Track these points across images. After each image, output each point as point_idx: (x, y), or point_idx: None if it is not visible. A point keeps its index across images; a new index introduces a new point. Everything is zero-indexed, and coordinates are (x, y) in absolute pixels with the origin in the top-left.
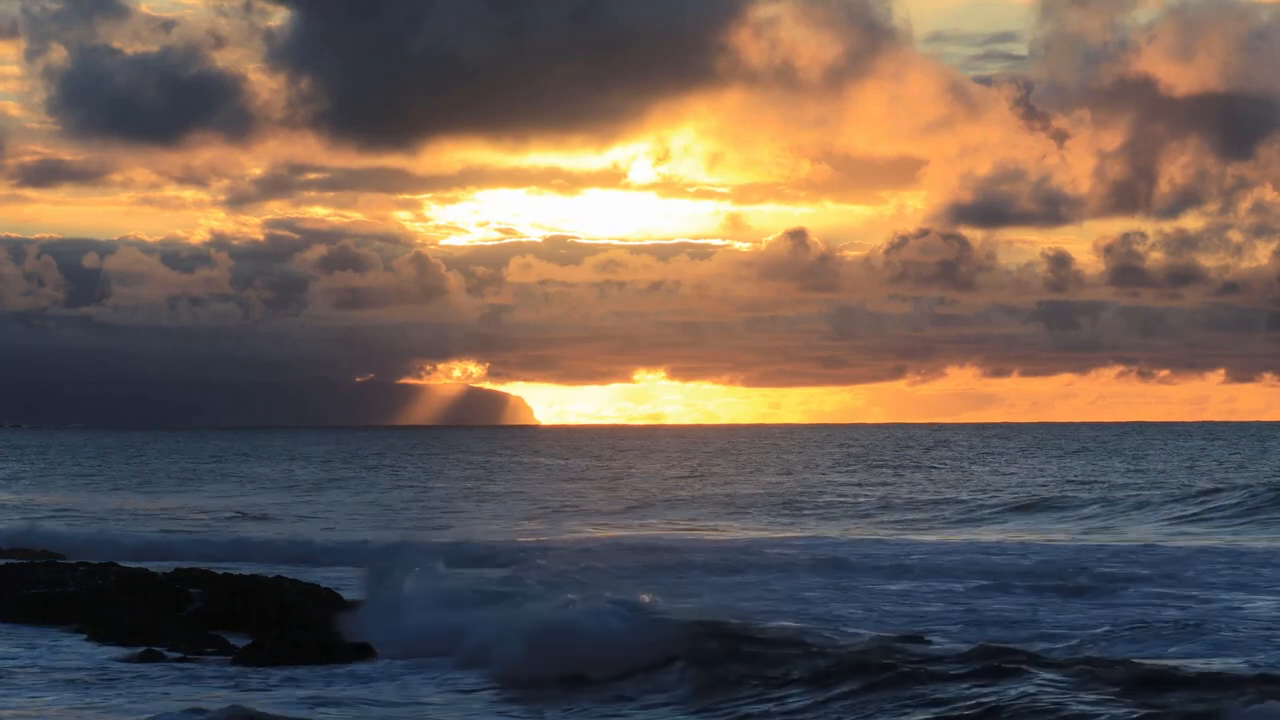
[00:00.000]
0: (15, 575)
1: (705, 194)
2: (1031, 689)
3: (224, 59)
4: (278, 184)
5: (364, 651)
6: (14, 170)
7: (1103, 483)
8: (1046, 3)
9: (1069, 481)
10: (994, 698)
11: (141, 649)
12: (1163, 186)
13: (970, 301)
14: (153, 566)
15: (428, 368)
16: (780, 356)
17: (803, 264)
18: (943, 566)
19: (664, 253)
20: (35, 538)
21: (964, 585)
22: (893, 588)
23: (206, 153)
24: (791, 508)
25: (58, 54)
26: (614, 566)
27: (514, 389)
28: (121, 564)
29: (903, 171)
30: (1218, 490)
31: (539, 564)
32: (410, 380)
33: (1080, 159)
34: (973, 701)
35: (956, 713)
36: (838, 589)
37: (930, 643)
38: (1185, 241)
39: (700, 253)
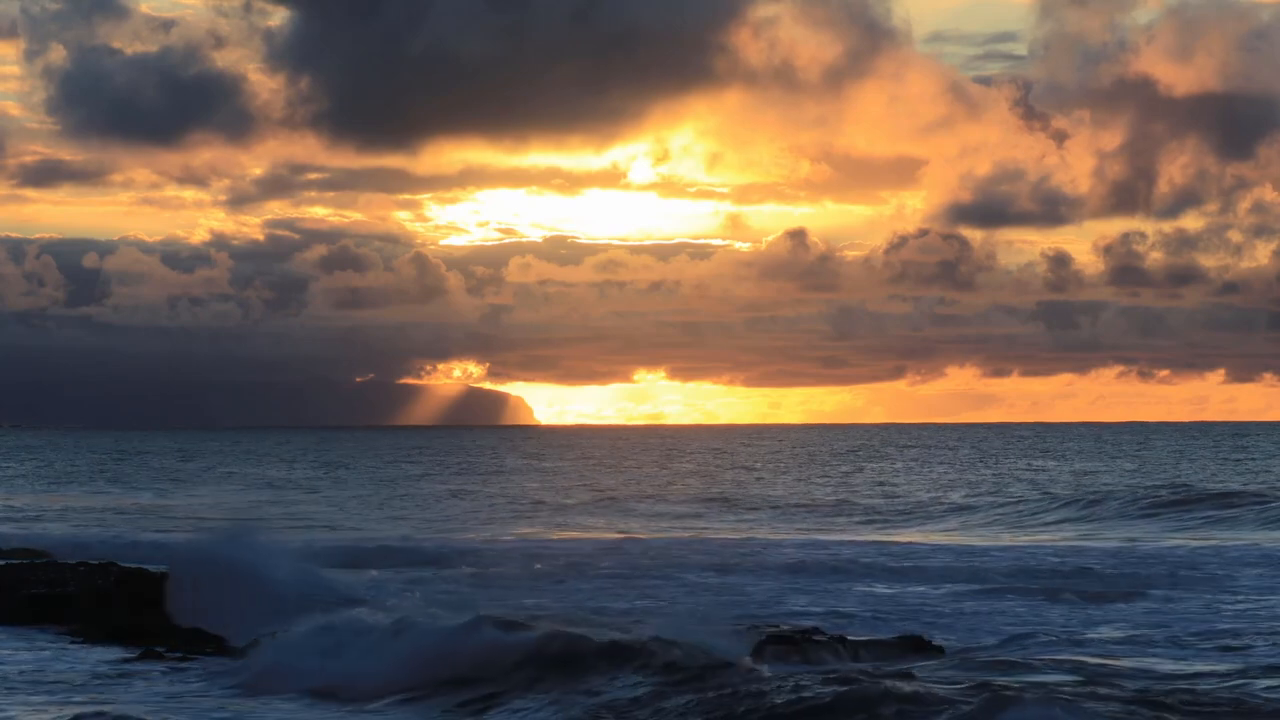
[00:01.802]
0: (15, 575)
1: (705, 194)
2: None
3: (224, 59)
4: (278, 184)
5: None
6: (14, 170)
7: (1091, 483)
8: (1046, 3)
9: (1056, 482)
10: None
11: (140, 649)
12: (1162, 186)
13: (970, 301)
14: (152, 567)
15: (428, 368)
16: (780, 356)
17: (803, 264)
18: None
19: (664, 253)
20: (35, 538)
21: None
22: (868, 589)
23: (206, 153)
24: (775, 507)
25: (57, 54)
26: (507, 571)
27: (514, 389)
28: (121, 564)
29: (902, 171)
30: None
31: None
32: (410, 380)
33: (1080, 159)
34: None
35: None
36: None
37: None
38: (1185, 241)
39: (700, 253)
